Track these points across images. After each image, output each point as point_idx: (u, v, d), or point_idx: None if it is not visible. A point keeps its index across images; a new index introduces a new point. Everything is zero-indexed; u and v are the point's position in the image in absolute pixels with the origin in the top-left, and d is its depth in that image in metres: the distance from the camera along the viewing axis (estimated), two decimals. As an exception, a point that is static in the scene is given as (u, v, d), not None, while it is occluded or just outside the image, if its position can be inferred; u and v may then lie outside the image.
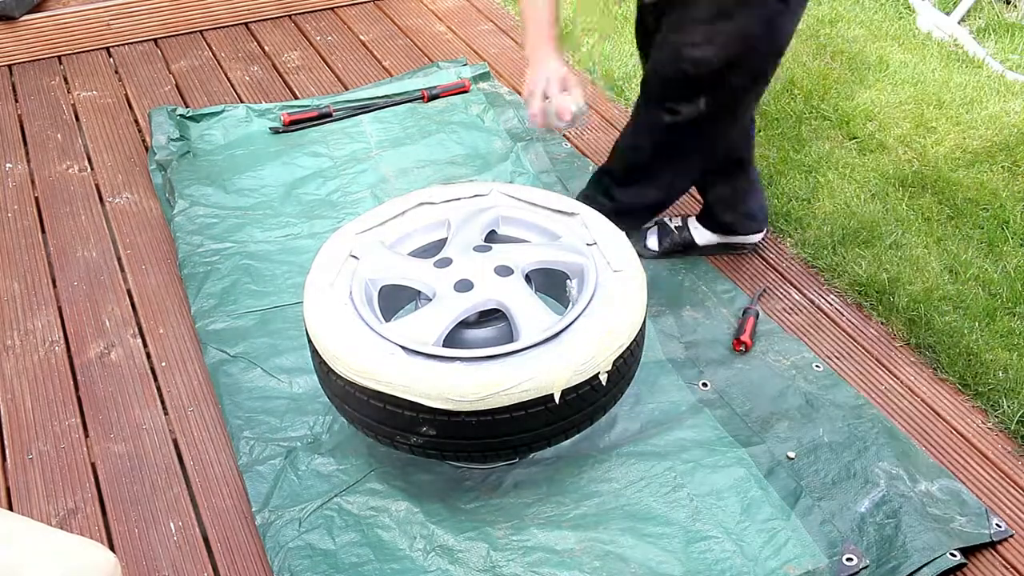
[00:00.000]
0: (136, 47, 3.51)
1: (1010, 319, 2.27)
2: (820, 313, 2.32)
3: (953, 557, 1.72)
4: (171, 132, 2.91)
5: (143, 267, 2.50)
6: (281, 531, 1.80)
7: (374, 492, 1.87)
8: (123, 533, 1.85)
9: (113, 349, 2.26)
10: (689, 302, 2.34)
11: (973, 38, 3.52)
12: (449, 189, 2.04)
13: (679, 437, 1.97)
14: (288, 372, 2.14)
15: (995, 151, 2.87)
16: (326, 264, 1.85)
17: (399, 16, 3.72)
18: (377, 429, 1.72)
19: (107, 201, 2.75)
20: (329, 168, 2.80)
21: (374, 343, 1.67)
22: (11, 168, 2.89)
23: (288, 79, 3.32)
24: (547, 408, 1.65)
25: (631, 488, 1.87)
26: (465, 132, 2.97)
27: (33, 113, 3.15)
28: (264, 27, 3.64)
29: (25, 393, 2.15)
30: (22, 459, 2.00)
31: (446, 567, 1.74)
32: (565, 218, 1.95)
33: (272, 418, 2.03)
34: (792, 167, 2.80)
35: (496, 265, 1.81)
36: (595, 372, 1.67)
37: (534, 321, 1.72)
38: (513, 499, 1.87)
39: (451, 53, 3.45)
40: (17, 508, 1.90)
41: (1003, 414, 2.03)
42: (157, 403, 2.12)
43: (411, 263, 1.88)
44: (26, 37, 3.41)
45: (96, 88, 3.28)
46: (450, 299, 1.76)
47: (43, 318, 2.34)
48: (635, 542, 1.77)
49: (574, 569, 1.73)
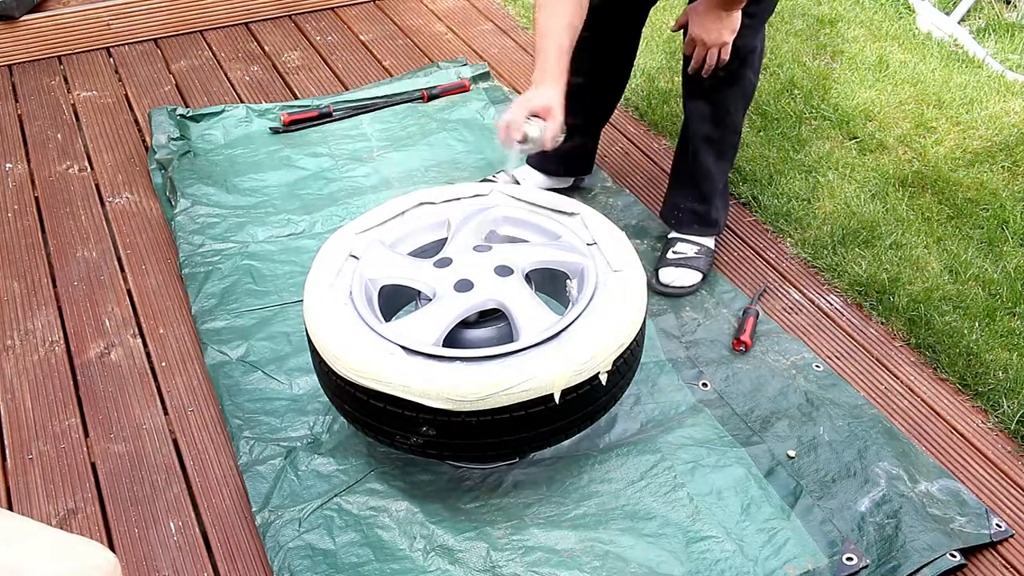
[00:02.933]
0: (136, 47, 3.51)
1: (1010, 319, 2.27)
2: (820, 313, 2.32)
3: (953, 558, 1.72)
4: (171, 132, 2.91)
5: (143, 267, 2.50)
6: (281, 531, 1.80)
7: (374, 492, 1.87)
8: (123, 533, 1.85)
9: (113, 349, 2.26)
10: (689, 302, 2.34)
11: (973, 38, 3.52)
12: (449, 189, 2.04)
13: (679, 437, 1.97)
14: (288, 372, 2.14)
15: (995, 151, 2.87)
16: (326, 264, 1.85)
17: (399, 16, 3.72)
18: (377, 429, 1.72)
19: (107, 201, 2.75)
20: (329, 168, 2.81)
21: (374, 343, 1.67)
22: (11, 168, 2.89)
23: (288, 79, 3.32)
24: (547, 408, 1.65)
25: (631, 488, 1.87)
26: (465, 132, 2.97)
27: (33, 113, 3.15)
28: (264, 27, 3.65)
29: (25, 393, 2.15)
30: (22, 459, 2.00)
31: (446, 567, 1.74)
32: (565, 218, 1.95)
33: (272, 418, 2.03)
34: (792, 167, 2.80)
35: (496, 265, 1.81)
36: (595, 372, 1.67)
37: (534, 321, 1.72)
38: (513, 499, 1.87)
39: (451, 53, 3.45)
40: (17, 508, 1.90)
41: (1003, 414, 2.03)
42: (157, 403, 2.12)
43: (411, 263, 1.88)
44: (26, 37, 3.41)
45: (96, 88, 3.28)
46: (450, 299, 1.76)
47: (43, 318, 2.34)
48: (635, 542, 1.77)
49: (574, 569, 1.73)
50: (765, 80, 3.21)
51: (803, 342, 2.23)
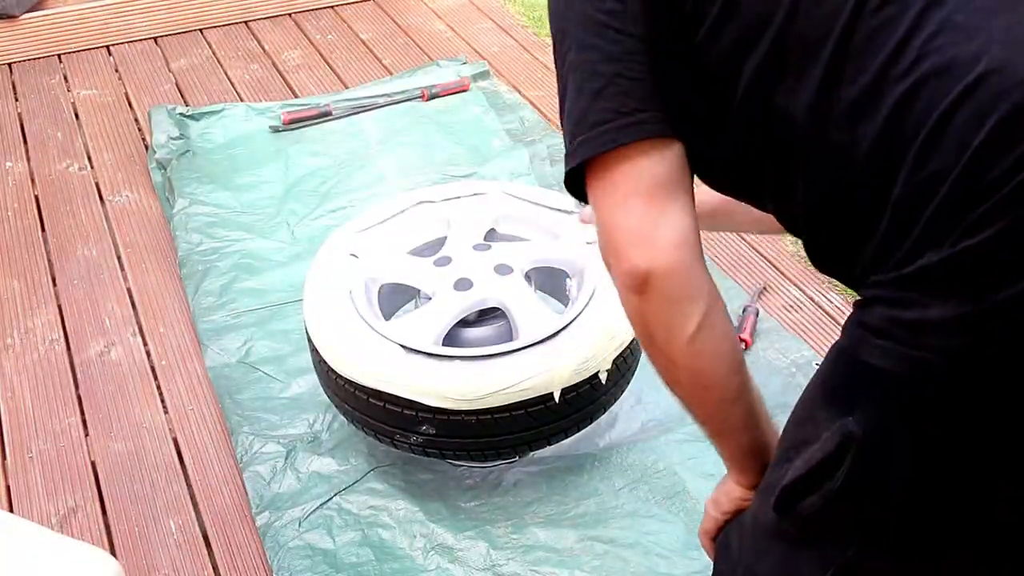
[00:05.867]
0: (136, 45, 3.51)
1: (1010, 317, 2.26)
2: (820, 311, 2.32)
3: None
4: (171, 131, 2.91)
5: (143, 266, 2.50)
6: (281, 530, 1.80)
7: (374, 491, 1.87)
8: (123, 532, 1.85)
9: (113, 348, 2.26)
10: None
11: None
12: (449, 187, 2.04)
13: (679, 436, 1.96)
14: (288, 371, 2.14)
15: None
16: (326, 263, 1.85)
17: (399, 14, 3.71)
18: (377, 428, 1.72)
19: (107, 200, 2.75)
20: (329, 167, 2.80)
21: (374, 342, 1.67)
22: (11, 167, 2.89)
23: (288, 78, 3.32)
24: (547, 407, 1.65)
25: (631, 487, 1.87)
26: (465, 131, 2.96)
27: (33, 112, 3.15)
28: (264, 25, 3.64)
29: (25, 392, 2.14)
30: (22, 458, 2.00)
31: (446, 566, 1.74)
32: (565, 216, 1.95)
33: (272, 416, 2.03)
34: (792, 165, 2.80)
35: (496, 264, 1.81)
36: (595, 371, 1.67)
37: (534, 320, 1.72)
38: (513, 498, 1.87)
39: (451, 51, 3.45)
40: (17, 507, 1.90)
41: (1003, 412, 2.03)
42: (157, 402, 2.12)
43: (411, 262, 1.88)
44: (26, 36, 3.41)
45: (96, 87, 3.28)
46: (450, 298, 1.76)
47: (43, 317, 2.34)
48: (635, 541, 1.77)
49: (574, 568, 1.73)
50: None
51: (803, 340, 2.22)
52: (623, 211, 0.88)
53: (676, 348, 0.92)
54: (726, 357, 0.96)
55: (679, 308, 0.90)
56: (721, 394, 0.98)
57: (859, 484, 0.84)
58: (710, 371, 0.95)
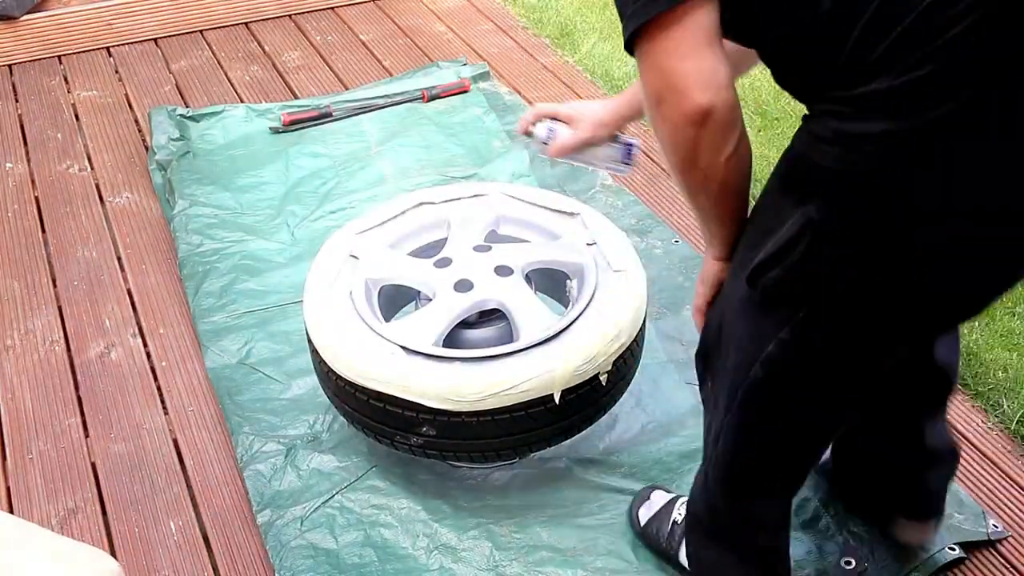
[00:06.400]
0: (136, 47, 3.51)
1: (1010, 319, 2.27)
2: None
3: (952, 551, 1.72)
4: (171, 132, 2.91)
5: (143, 267, 2.50)
6: (282, 530, 1.80)
7: (376, 490, 1.87)
8: (123, 532, 1.85)
9: (113, 349, 2.26)
10: (689, 302, 2.33)
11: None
12: (449, 189, 2.04)
13: (680, 438, 1.97)
14: (288, 372, 2.14)
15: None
16: (326, 264, 1.85)
17: (399, 16, 3.71)
18: (377, 429, 1.72)
19: (107, 201, 2.75)
20: (329, 168, 2.80)
21: (374, 343, 1.67)
22: (11, 168, 2.89)
23: (288, 79, 3.32)
24: (547, 408, 1.65)
25: (632, 488, 1.87)
26: (465, 132, 2.97)
27: (33, 113, 3.15)
28: (264, 27, 3.64)
29: (25, 393, 2.15)
30: (22, 459, 2.00)
31: (449, 566, 1.74)
32: (565, 218, 1.95)
33: (272, 417, 2.03)
34: (792, 167, 2.80)
35: (496, 265, 1.81)
36: (595, 372, 1.67)
37: (534, 321, 1.72)
38: (516, 498, 1.87)
39: (451, 53, 3.45)
40: (17, 508, 1.90)
41: (1003, 414, 2.03)
42: (157, 403, 2.12)
43: (411, 263, 1.88)
44: (26, 37, 3.41)
45: (96, 88, 3.28)
46: (450, 299, 1.76)
47: (43, 318, 2.34)
48: (637, 541, 1.77)
49: (577, 568, 1.73)
50: (765, 80, 3.21)
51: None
52: (692, 58, 1.03)
53: (716, 167, 1.12)
54: (749, 169, 1.19)
55: (726, 135, 1.09)
56: (740, 196, 1.21)
57: (811, 258, 1.08)
58: (736, 181, 1.17)
